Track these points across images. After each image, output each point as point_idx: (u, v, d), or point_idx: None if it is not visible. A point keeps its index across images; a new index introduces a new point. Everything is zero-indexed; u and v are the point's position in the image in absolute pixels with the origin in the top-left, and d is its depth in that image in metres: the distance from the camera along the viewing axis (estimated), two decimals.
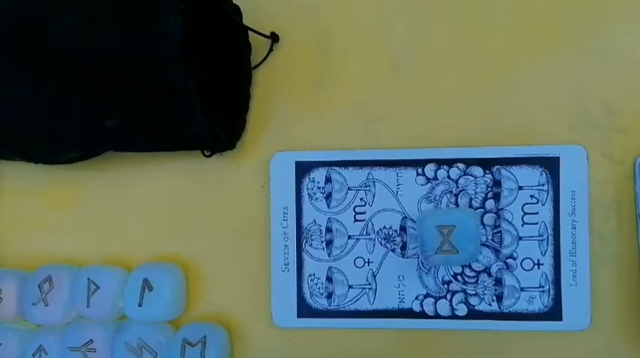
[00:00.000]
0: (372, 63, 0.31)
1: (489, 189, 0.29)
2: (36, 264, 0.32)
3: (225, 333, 0.30)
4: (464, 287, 0.29)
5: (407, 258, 0.30)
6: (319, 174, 0.30)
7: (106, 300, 0.30)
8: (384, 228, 0.30)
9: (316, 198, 0.30)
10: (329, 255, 0.30)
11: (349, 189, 0.30)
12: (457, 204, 0.29)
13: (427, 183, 0.30)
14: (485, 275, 0.29)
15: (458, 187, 0.29)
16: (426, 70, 0.30)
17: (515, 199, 0.29)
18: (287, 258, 0.30)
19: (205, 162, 0.31)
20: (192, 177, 0.31)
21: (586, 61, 0.29)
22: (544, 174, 0.29)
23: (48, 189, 0.33)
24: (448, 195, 0.29)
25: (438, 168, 0.29)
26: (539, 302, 0.29)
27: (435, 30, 0.30)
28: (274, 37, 0.31)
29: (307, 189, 0.30)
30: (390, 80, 0.30)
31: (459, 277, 0.29)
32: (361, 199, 0.30)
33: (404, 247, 0.30)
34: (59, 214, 0.32)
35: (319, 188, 0.30)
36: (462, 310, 0.29)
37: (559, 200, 0.29)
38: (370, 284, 0.30)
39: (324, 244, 0.30)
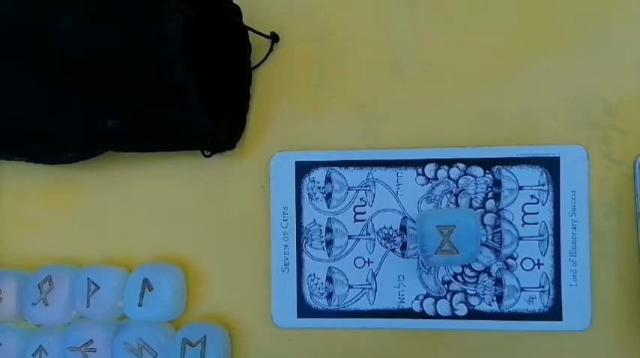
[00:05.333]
0: (372, 63, 0.31)
1: (489, 189, 0.29)
2: (36, 264, 0.32)
3: (225, 333, 0.30)
4: (464, 287, 0.29)
5: (407, 258, 0.30)
6: (319, 174, 0.30)
7: (106, 300, 0.30)
8: (384, 228, 0.30)
9: (316, 198, 0.30)
10: (329, 255, 0.30)
11: (349, 189, 0.30)
12: (457, 204, 0.29)
13: (427, 183, 0.30)
14: (486, 275, 0.29)
15: (458, 187, 0.29)
16: (426, 69, 0.30)
17: (515, 199, 0.29)
18: (287, 258, 0.30)
19: (205, 162, 0.31)
20: (192, 177, 0.31)
21: (586, 61, 0.29)
22: (544, 174, 0.29)
23: (48, 189, 0.33)
24: (448, 195, 0.29)
25: (438, 168, 0.29)
26: (540, 302, 0.29)
27: (435, 30, 0.30)
28: (274, 37, 0.31)
29: (307, 189, 0.30)
30: (390, 80, 0.30)
31: (459, 277, 0.29)
32: (361, 199, 0.30)
33: (404, 247, 0.30)
34: (59, 214, 0.32)
35: (319, 188, 0.30)
36: (462, 310, 0.29)
37: (559, 200, 0.29)
38: (370, 284, 0.30)
39: (324, 244, 0.30)
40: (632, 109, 0.29)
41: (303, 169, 0.30)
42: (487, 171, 0.29)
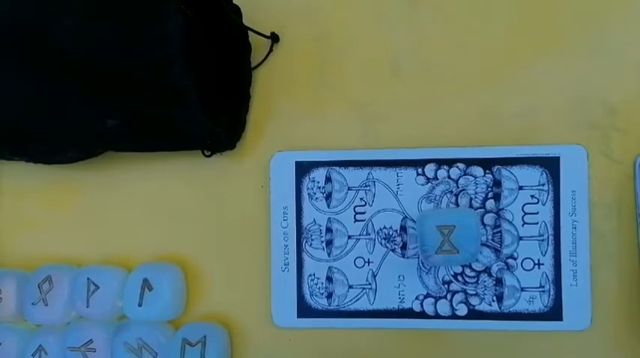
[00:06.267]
0: (372, 63, 0.31)
1: (489, 189, 0.29)
2: (36, 264, 0.32)
3: (225, 333, 0.30)
4: (464, 287, 0.29)
5: (407, 258, 0.30)
6: (319, 174, 0.30)
7: (105, 300, 0.30)
8: (384, 228, 0.30)
9: (316, 198, 0.30)
10: (329, 254, 0.30)
11: (349, 189, 0.30)
12: (457, 204, 0.29)
13: (427, 183, 0.30)
14: (486, 275, 0.29)
15: (458, 187, 0.29)
16: (426, 70, 0.30)
17: (515, 199, 0.29)
18: (287, 258, 0.30)
19: (205, 162, 0.31)
20: (192, 177, 0.31)
21: (586, 61, 0.29)
22: (544, 174, 0.29)
23: (48, 189, 0.33)
24: (448, 195, 0.29)
25: (438, 168, 0.29)
26: (540, 302, 0.29)
27: (435, 30, 0.30)
28: (274, 37, 0.31)
29: (307, 189, 0.30)
30: (390, 80, 0.30)
31: (459, 277, 0.29)
32: (361, 199, 0.30)
33: (404, 247, 0.30)
34: (59, 214, 0.32)
35: (319, 188, 0.30)
36: (462, 310, 0.29)
37: (559, 200, 0.29)
38: (370, 284, 0.30)
39: (324, 244, 0.30)
40: (632, 109, 0.29)
41: (303, 169, 0.30)
42: (487, 171, 0.29)
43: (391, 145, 0.30)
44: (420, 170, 0.30)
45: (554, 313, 0.28)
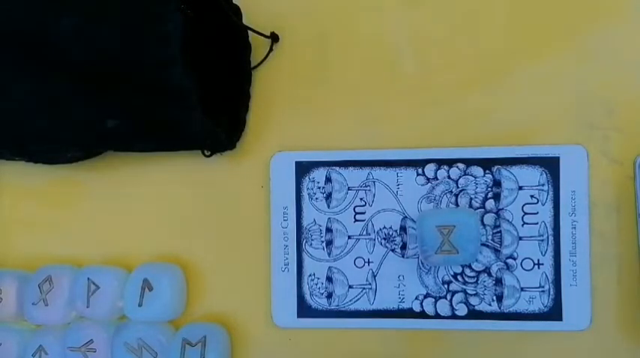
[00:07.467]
0: (372, 63, 0.31)
1: (489, 189, 0.29)
2: (36, 264, 0.32)
3: (225, 333, 0.30)
4: (464, 287, 0.29)
5: (407, 258, 0.30)
6: (319, 174, 0.30)
7: (106, 300, 0.30)
8: (384, 228, 0.30)
9: (316, 198, 0.30)
10: (329, 254, 0.30)
11: (349, 189, 0.30)
12: (457, 204, 0.29)
13: (427, 183, 0.30)
14: (486, 275, 0.29)
15: (458, 187, 0.29)
16: (425, 70, 0.30)
17: (515, 199, 0.29)
18: (287, 258, 0.30)
19: (205, 162, 0.31)
20: (192, 177, 0.31)
21: (586, 61, 0.29)
22: (544, 174, 0.29)
23: (48, 189, 0.33)
24: (448, 195, 0.29)
25: (438, 168, 0.29)
26: (540, 302, 0.29)
27: (435, 30, 0.30)
28: (274, 37, 0.31)
29: (307, 189, 0.30)
30: (390, 80, 0.30)
31: (459, 277, 0.29)
32: (361, 199, 0.30)
33: (404, 247, 0.30)
34: (59, 214, 0.32)
35: (319, 188, 0.30)
36: (462, 310, 0.29)
37: (559, 200, 0.29)
38: (370, 284, 0.30)
39: (324, 244, 0.30)
40: (631, 109, 0.29)
41: (303, 169, 0.30)
42: (487, 171, 0.29)
43: (391, 145, 0.30)
44: (419, 170, 0.30)
45: (553, 313, 0.28)
